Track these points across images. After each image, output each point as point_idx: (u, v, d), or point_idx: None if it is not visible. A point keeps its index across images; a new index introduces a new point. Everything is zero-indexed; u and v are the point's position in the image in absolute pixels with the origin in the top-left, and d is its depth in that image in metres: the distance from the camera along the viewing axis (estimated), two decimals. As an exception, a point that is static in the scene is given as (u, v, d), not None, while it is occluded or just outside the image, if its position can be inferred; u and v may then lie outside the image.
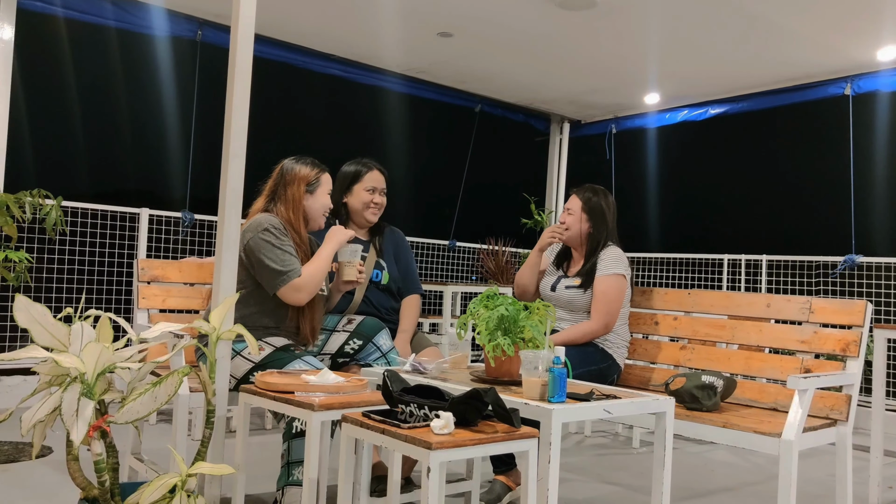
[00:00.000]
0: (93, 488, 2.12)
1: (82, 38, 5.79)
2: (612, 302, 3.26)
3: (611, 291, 3.27)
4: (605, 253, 3.35)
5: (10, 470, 3.40)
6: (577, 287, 3.33)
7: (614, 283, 3.28)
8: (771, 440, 2.54)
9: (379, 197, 3.40)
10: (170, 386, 2.13)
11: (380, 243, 3.45)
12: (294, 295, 2.80)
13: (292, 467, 2.62)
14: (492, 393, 2.00)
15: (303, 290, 2.80)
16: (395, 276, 3.42)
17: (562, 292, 3.37)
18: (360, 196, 3.37)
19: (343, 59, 5.93)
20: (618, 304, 3.28)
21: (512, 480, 3.20)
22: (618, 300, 3.28)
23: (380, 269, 3.39)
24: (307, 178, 2.98)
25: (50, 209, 4.06)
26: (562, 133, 7.76)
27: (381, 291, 3.39)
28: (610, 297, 3.26)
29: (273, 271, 2.76)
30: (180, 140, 6.10)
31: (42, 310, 2.10)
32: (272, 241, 2.79)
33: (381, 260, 3.41)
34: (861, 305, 2.87)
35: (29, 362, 2.10)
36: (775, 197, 7.93)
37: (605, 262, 3.32)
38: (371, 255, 3.39)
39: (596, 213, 3.42)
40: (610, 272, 3.29)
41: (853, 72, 5.62)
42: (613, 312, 3.26)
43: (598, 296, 3.27)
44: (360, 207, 3.37)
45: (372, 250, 3.41)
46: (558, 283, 3.42)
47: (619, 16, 4.78)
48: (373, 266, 3.38)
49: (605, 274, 3.29)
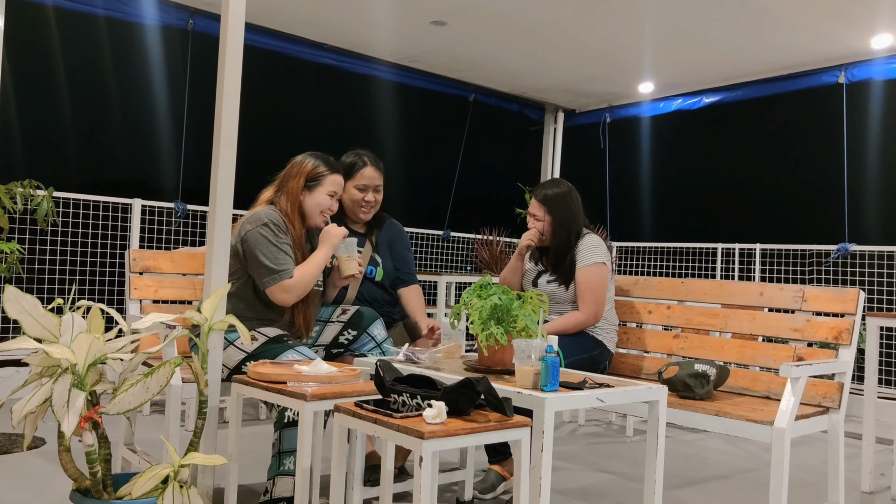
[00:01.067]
0: (85, 479, 2.11)
1: (72, 28, 5.75)
2: (596, 290, 3.25)
3: (594, 280, 3.25)
4: (580, 244, 3.31)
5: (3, 461, 3.39)
6: (557, 283, 3.32)
7: (595, 271, 3.26)
8: (763, 428, 2.55)
9: (371, 195, 3.30)
10: (161, 376, 2.12)
11: (376, 238, 3.39)
12: (282, 295, 2.77)
13: (283, 457, 2.61)
14: (484, 382, 2.00)
15: (291, 291, 2.77)
16: (389, 271, 3.38)
17: (543, 287, 3.36)
18: (351, 193, 3.28)
19: (335, 48, 5.89)
20: (603, 293, 3.27)
21: (506, 470, 3.20)
22: (602, 288, 3.27)
23: (374, 266, 3.34)
24: (309, 173, 2.93)
25: (41, 200, 4.04)
26: (556, 122, 7.74)
27: (375, 286, 3.35)
28: (594, 286, 3.25)
29: (265, 268, 2.75)
30: (172, 130, 6.08)
31: (32, 301, 2.08)
32: (269, 238, 2.77)
33: (376, 255, 3.36)
34: (853, 293, 2.87)
35: (20, 353, 2.09)
36: (769, 185, 7.94)
37: (583, 253, 3.29)
38: (367, 250, 3.34)
39: (556, 205, 3.36)
40: (589, 262, 3.26)
41: (847, 60, 5.61)
42: (600, 301, 3.26)
43: (582, 286, 3.26)
44: (351, 205, 3.31)
45: (368, 245, 3.36)
46: (539, 279, 3.41)
47: (613, 4, 4.76)
48: (367, 261, 3.33)
49: (585, 265, 3.26)
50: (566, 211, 3.36)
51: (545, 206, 3.38)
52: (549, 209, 3.37)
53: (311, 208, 2.95)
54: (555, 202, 3.37)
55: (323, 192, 2.95)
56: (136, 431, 3.07)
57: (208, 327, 2.40)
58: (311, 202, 2.95)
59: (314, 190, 2.94)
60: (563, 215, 3.35)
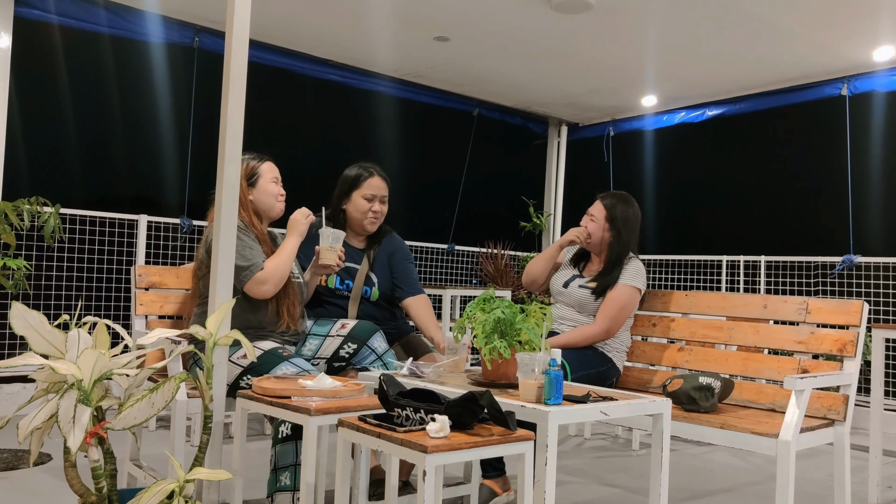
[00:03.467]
0: (91, 495, 2.12)
1: (78, 46, 5.80)
2: (620, 310, 3.26)
3: (622, 300, 3.27)
4: (629, 265, 3.34)
5: (9, 477, 3.40)
6: (590, 291, 3.33)
7: (628, 293, 3.29)
8: (768, 441, 2.54)
9: (378, 205, 3.29)
10: (167, 392, 2.13)
11: (374, 255, 3.33)
12: (259, 288, 2.80)
13: (279, 473, 2.62)
14: (487, 396, 2.00)
15: (267, 282, 2.81)
16: (385, 290, 3.32)
17: (574, 290, 3.37)
18: (357, 204, 3.27)
19: (339, 64, 5.94)
20: (625, 315, 3.29)
21: (500, 486, 3.18)
22: (626, 310, 3.29)
23: (370, 286, 3.29)
24: (244, 174, 2.95)
25: (48, 217, 4.07)
26: (560, 136, 7.77)
27: (372, 305, 3.31)
28: (620, 305, 3.26)
29: (237, 267, 2.76)
30: (178, 146, 6.11)
31: (38, 317, 2.10)
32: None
33: (371, 275, 3.30)
34: (857, 305, 2.87)
35: (27, 369, 2.11)
36: (773, 198, 7.92)
37: (628, 273, 3.32)
38: (363, 268, 3.30)
39: (618, 222, 3.39)
40: (629, 283, 3.30)
41: (850, 72, 5.63)
42: (619, 321, 3.27)
43: (610, 301, 3.27)
44: (358, 216, 3.28)
45: (364, 262, 3.31)
46: (572, 282, 3.42)
47: (615, 18, 4.79)
48: (363, 281, 3.29)
49: (625, 283, 3.29)
50: (632, 230, 3.40)
51: (609, 216, 3.39)
52: (614, 220, 3.38)
53: (262, 202, 3.01)
54: (625, 218, 3.39)
55: (265, 181, 3.02)
56: (142, 447, 3.08)
57: (213, 342, 2.41)
58: (260, 196, 3.00)
59: (257, 183, 3.00)
60: (629, 234, 3.38)
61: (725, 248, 6.86)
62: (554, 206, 7.77)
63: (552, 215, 7.70)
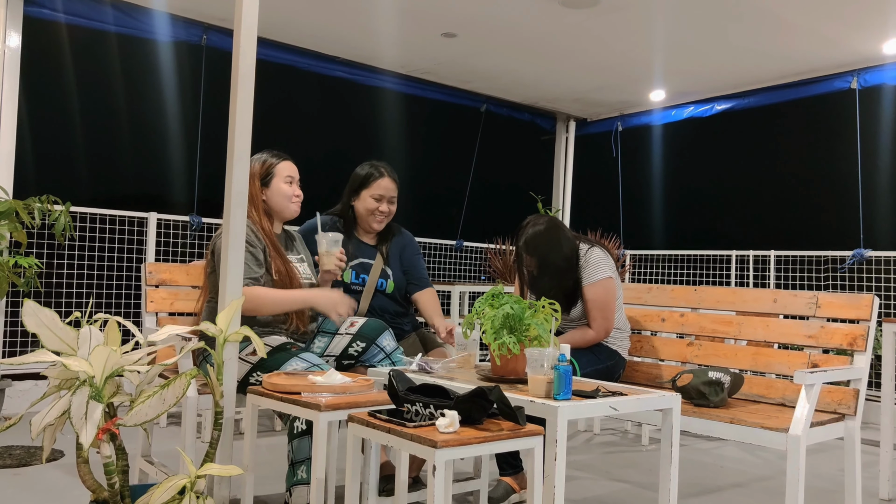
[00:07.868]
0: (103, 490, 2.13)
1: (87, 45, 5.83)
2: (605, 307, 3.21)
3: (601, 297, 3.20)
4: (581, 263, 3.23)
5: (22, 473, 3.42)
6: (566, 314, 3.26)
7: (601, 287, 3.21)
8: (778, 435, 2.54)
9: (386, 205, 3.36)
10: (178, 388, 2.14)
11: (386, 250, 3.43)
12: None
13: (296, 467, 2.63)
14: (496, 391, 2.01)
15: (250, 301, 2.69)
16: (399, 283, 3.41)
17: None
18: (366, 202, 3.35)
19: (347, 61, 5.94)
20: (612, 307, 3.24)
21: (517, 483, 3.19)
22: (611, 304, 3.23)
23: (385, 279, 3.37)
24: (260, 172, 2.97)
25: (59, 215, 4.09)
26: (567, 131, 7.75)
27: (387, 298, 3.39)
28: (601, 303, 3.21)
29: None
30: (187, 144, 6.14)
31: (50, 314, 2.11)
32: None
33: (386, 268, 3.40)
34: (867, 299, 2.86)
35: (39, 367, 2.12)
36: (783, 192, 7.90)
37: (587, 272, 3.22)
38: (377, 263, 3.39)
39: (538, 251, 3.23)
40: (595, 279, 3.21)
41: (859, 65, 5.60)
42: (609, 317, 3.23)
43: (590, 304, 3.21)
44: (366, 214, 3.37)
45: (378, 257, 3.40)
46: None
47: (622, 13, 4.78)
48: (378, 274, 3.36)
49: (591, 283, 3.21)
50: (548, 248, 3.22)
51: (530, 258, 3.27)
52: (534, 256, 3.25)
53: (275, 202, 2.99)
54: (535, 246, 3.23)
55: (279, 181, 2.99)
56: (153, 443, 3.09)
57: (223, 339, 2.42)
58: (273, 196, 2.99)
59: (271, 183, 2.99)
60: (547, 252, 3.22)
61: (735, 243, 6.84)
62: (562, 201, 7.76)
63: (560, 211, 7.69)
